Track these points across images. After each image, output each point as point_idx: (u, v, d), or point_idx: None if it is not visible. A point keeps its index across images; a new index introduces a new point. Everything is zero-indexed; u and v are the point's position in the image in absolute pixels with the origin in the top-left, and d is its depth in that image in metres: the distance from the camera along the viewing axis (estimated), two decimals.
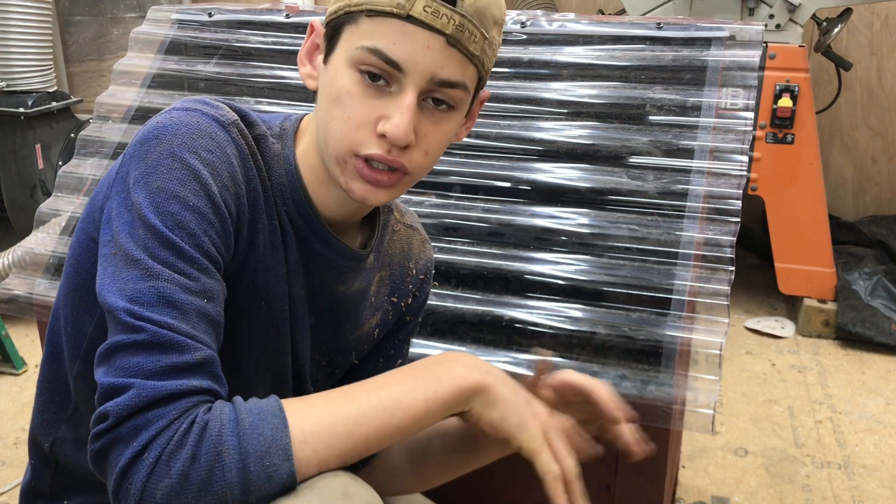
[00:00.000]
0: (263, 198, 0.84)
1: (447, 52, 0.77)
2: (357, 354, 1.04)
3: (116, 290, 0.72)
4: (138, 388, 0.68)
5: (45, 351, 0.93)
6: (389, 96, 0.79)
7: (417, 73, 0.77)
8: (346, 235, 0.93)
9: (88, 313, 0.86)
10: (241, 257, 0.83)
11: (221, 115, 0.81)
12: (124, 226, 0.75)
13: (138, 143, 0.78)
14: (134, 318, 0.70)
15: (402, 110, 0.77)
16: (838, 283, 2.67)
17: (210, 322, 0.75)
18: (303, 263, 0.90)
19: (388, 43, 0.76)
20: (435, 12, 0.75)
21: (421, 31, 0.76)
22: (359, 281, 0.96)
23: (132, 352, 0.69)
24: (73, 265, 0.87)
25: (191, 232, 0.74)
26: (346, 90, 0.79)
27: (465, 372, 0.80)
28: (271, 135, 0.87)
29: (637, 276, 1.27)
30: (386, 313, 1.04)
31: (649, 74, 1.47)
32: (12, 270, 2.28)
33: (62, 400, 0.92)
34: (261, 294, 0.86)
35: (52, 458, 0.94)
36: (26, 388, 2.28)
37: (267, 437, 0.70)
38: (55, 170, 2.89)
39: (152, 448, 0.67)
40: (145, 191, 0.75)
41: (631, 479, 1.22)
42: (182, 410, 0.69)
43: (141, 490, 0.66)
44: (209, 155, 0.78)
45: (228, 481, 0.67)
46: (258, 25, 1.73)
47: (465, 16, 0.77)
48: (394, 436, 0.77)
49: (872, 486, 1.89)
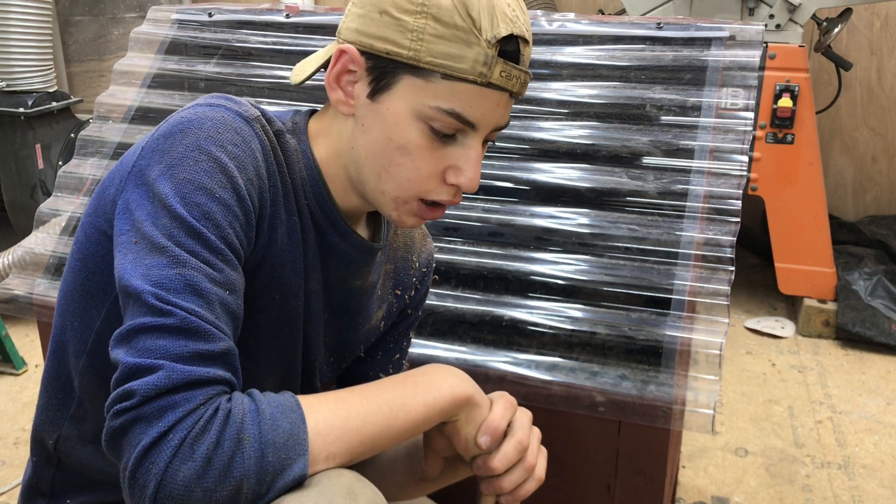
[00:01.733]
0: (283, 193, 0.85)
1: (509, 104, 0.84)
2: (364, 348, 1.06)
3: (140, 274, 0.72)
4: (168, 370, 0.68)
5: (49, 348, 0.93)
6: (455, 145, 0.83)
7: (487, 127, 0.83)
8: (356, 228, 0.95)
9: (96, 308, 0.86)
10: (261, 252, 0.84)
11: (245, 110, 0.83)
12: (147, 216, 0.75)
13: (161, 138, 0.78)
14: (162, 301, 0.71)
15: (473, 163, 0.83)
16: (838, 283, 2.67)
17: (231, 314, 0.76)
18: (321, 259, 0.91)
19: (466, 106, 0.81)
20: (508, 76, 0.80)
21: (494, 93, 0.81)
22: (372, 274, 0.98)
23: (158, 335, 0.70)
24: (80, 259, 0.87)
25: (217, 223, 0.75)
26: (415, 143, 0.82)
27: (460, 383, 0.84)
28: (286, 130, 0.89)
29: (637, 276, 1.27)
30: (391, 306, 1.06)
31: (649, 74, 1.47)
32: (12, 270, 2.28)
33: (66, 397, 0.92)
34: (276, 288, 0.87)
35: (54, 456, 0.94)
36: (26, 388, 2.28)
37: (286, 429, 0.71)
38: (55, 170, 2.89)
39: (177, 430, 0.67)
40: (171, 182, 0.75)
41: (631, 479, 1.22)
42: (208, 397, 0.69)
43: (163, 470, 0.66)
44: (235, 149, 0.79)
45: (247, 468, 0.68)
46: (258, 25, 1.73)
47: (528, 72, 0.83)
48: (396, 437, 0.79)
49: (872, 486, 1.89)
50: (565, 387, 1.19)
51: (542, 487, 0.86)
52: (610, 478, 1.23)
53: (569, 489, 1.26)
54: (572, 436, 1.23)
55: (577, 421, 1.22)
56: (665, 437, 1.20)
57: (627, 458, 1.22)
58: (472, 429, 0.84)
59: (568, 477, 1.25)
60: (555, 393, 1.20)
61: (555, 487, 1.26)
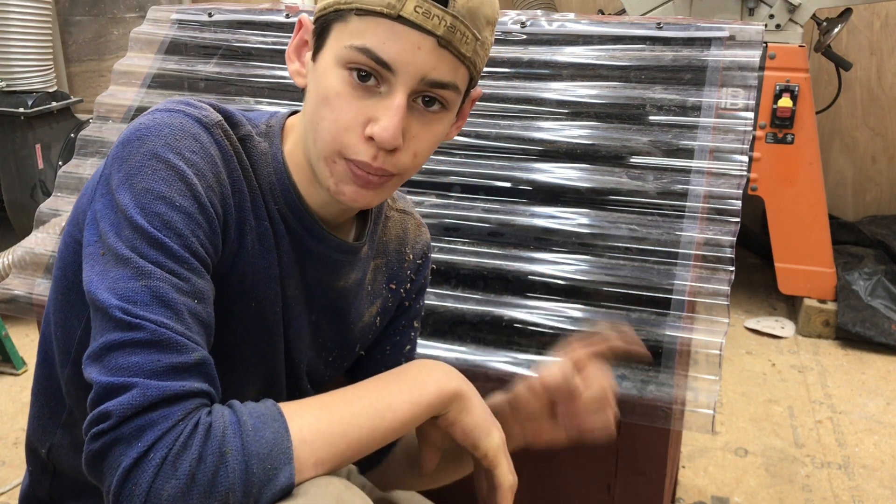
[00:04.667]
0: (251, 199, 0.83)
1: (438, 54, 0.76)
2: (362, 346, 1.04)
3: (107, 287, 0.71)
4: (142, 387, 0.67)
5: (38, 356, 0.92)
6: (379, 97, 0.77)
7: (408, 73, 0.76)
8: (340, 230, 0.93)
9: (76, 317, 0.85)
10: (230, 259, 0.82)
11: (204, 115, 0.80)
12: (111, 227, 0.73)
13: (120, 145, 0.77)
14: (129, 315, 0.69)
15: (391, 112, 0.76)
16: (838, 283, 2.67)
17: (201, 323, 0.74)
18: (298, 263, 0.89)
19: (378, 42, 0.75)
20: (426, 13, 0.74)
21: (412, 32, 0.75)
22: (355, 272, 0.95)
23: (129, 350, 0.68)
24: (60, 269, 0.86)
25: (178, 232, 0.74)
26: (334, 90, 0.78)
27: (446, 378, 0.82)
28: (257, 133, 0.86)
29: (637, 276, 1.27)
30: (385, 301, 1.04)
31: (649, 74, 1.47)
32: (12, 270, 2.28)
33: (57, 405, 0.91)
34: (250, 296, 0.85)
35: (49, 465, 0.94)
36: (26, 388, 2.28)
37: (269, 439, 0.69)
38: (55, 170, 2.89)
39: (158, 449, 0.66)
40: (130, 192, 0.74)
41: (631, 479, 1.22)
42: (186, 412, 0.68)
43: (147, 491, 0.65)
44: (193, 156, 0.77)
45: (232, 482, 0.67)
46: (258, 25, 1.73)
47: (457, 17, 0.76)
48: (384, 438, 0.78)
49: (872, 486, 1.89)
50: None
51: (542, 487, 0.85)
52: (610, 478, 1.23)
53: (569, 489, 1.26)
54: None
55: None
56: (665, 437, 1.20)
57: (627, 458, 1.22)
58: (466, 418, 0.82)
59: (568, 477, 1.25)
60: None
61: (555, 487, 1.26)
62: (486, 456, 0.83)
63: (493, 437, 0.83)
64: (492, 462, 0.83)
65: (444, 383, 0.81)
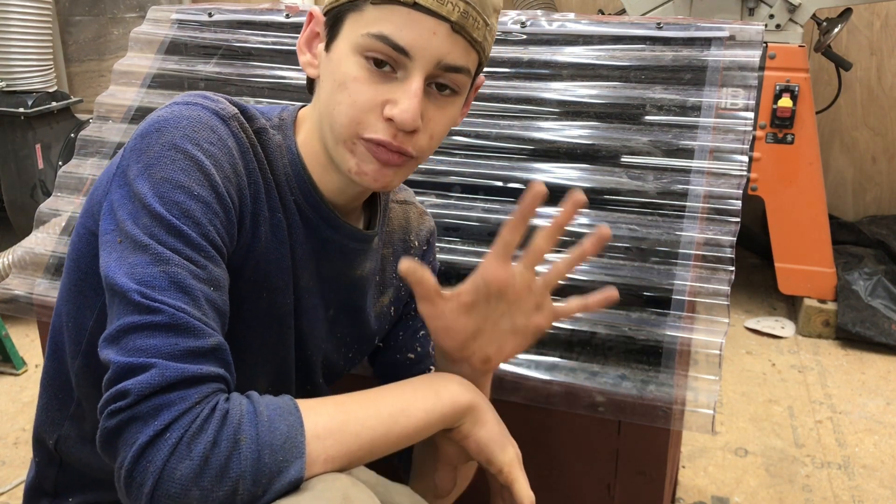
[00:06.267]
0: (265, 191, 0.85)
1: (452, 39, 0.79)
2: (380, 337, 1.06)
3: (125, 272, 0.72)
4: (161, 368, 0.68)
5: (47, 348, 0.93)
6: (396, 82, 0.80)
7: (424, 58, 0.79)
8: (350, 220, 0.94)
9: (89, 308, 0.86)
10: (244, 250, 0.83)
11: (221, 108, 0.82)
12: (128, 215, 0.75)
13: (139, 137, 0.78)
14: (148, 299, 0.70)
15: (410, 95, 0.79)
16: (838, 283, 2.67)
17: (217, 311, 0.75)
18: (313, 254, 0.90)
19: (395, 29, 0.78)
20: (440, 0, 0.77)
21: (427, 18, 0.78)
22: (369, 262, 0.98)
23: (148, 333, 0.69)
24: (73, 260, 0.87)
25: (196, 221, 0.75)
26: (351, 76, 0.80)
27: (461, 390, 0.83)
28: (271, 126, 0.88)
29: (637, 276, 1.27)
30: (398, 290, 1.06)
31: (649, 74, 1.47)
32: (12, 270, 2.28)
33: (65, 397, 0.92)
34: (262, 286, 0.86)
35: (56, 456, 0.94)
36: (26, 388, 2.28)
37: (283, 432, 0.70)
38: (55, 170, 2.89)
39: (174, 429, 0.67)
40: (149, 182, 0.75)
41: (631, 479, 1.22)
42: (203, 395, 0.69)
43: (160, 469, 0.66)
44: (211, 147, 0.79)
45: (243, 469, 0.68)
46: (258, 25, 1.73)
47: (469, 3, 0.79)
48: (396, 443, 0.79)
49: (872, 486, 1.89)
50: (565, 387, 1.19)
51: (542, 487, 0.85)
52: (610, 478, 1.23)
53: (569, 489, 1.26)
54: (572, 436, 1.23)
55: (576, 421, 1.21)
56: (665, 437, 1.20)
57: (627, 458, 1.22)
58: (480, 431, 0.83)
59: (568, 477, 1.25)
60: (554, 393, 1.20)
61: (555, 487, 1.26)
62: (501, 471, 0.84)
63: (508, 452, 0.84)
64: (507, 478, 0.84)
65: (459, 395, 0.83)
